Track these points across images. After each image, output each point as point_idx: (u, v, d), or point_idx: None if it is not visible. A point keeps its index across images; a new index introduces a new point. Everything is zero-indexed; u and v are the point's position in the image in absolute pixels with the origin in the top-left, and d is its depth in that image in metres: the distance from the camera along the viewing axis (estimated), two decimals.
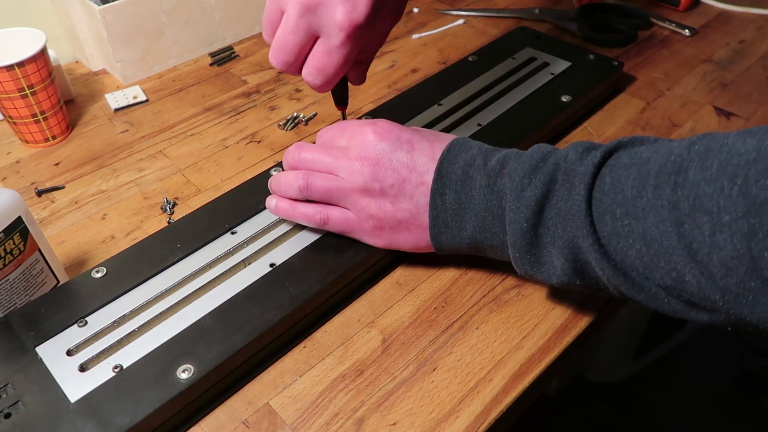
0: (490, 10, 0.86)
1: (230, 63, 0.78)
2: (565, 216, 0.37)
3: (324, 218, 0.46)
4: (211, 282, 0.45)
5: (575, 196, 0.37)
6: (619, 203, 0.35)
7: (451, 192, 0.42)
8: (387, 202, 0.43)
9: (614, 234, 0.35)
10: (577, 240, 0.37)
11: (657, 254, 0.34)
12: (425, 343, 0.44)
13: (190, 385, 0.38)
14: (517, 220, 0.39)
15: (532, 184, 0.39)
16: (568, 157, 0.39)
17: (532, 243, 0.39)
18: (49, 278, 0.46)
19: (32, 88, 0.60)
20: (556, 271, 0.39)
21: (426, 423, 0.39)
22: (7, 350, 0.40)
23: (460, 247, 0.43)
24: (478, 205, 0.41)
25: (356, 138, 0.45)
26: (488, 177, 0.41)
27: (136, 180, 0.60)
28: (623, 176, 0.36)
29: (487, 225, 0.41)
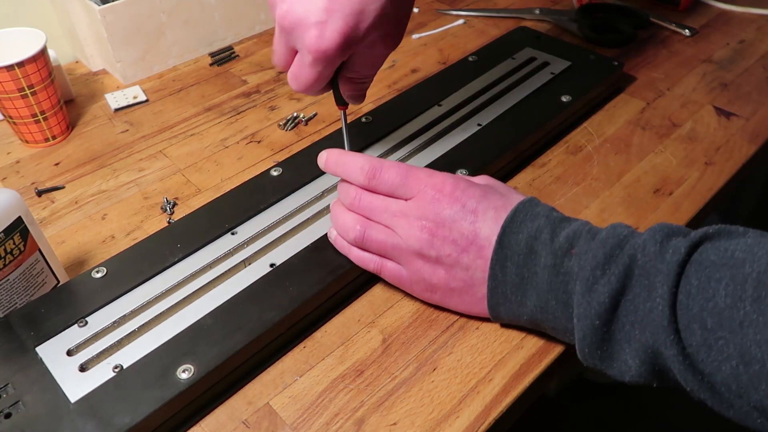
0: (490, 10, 0.86)
1: (230, 63, 0.78)
2: (643, 318, 0.34)
3: (378, 268, 0.45)
4: (211, 282, 0.45)
5: (656, 299, 0.34)
6: (710, 312, 0.32)
7: (513, 265, 0.40)
8: (441, 269, 0.42)
9: (704, 346, 0.32)
10: (658, 346, 0.34)
11: (758, 375, 0.30)
12: (425, 343, 0.44)
13: (190, 385, 0.38)
14: (588, 316, 0.36)
15: (605, 277, 0.36)
16: (647, 249, 0.36)
17: (603, 339, 0.36)
18: (49, 278, 0.46)
19: (32, 88, 0.60)
20: (629, 371, 0.36)
21: (426, 423, 0.39)
22: (7, 350, 0.40)
23: (518, 320, 0.42)
24: (542, 285, 0.39)
25: (420, 195, 0.42)
26: (554, 256, 0.38)
27: (136, 180, 0.60)
28: (713, 279, 0.32)
29: (550, 308, 0.39)
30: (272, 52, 0.45)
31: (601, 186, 0.56)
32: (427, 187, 0.42)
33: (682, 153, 0.59)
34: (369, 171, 0.43)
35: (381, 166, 0.43)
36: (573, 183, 0.56)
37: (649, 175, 0.57)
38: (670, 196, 0.54)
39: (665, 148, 0.60)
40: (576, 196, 0.55)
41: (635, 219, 0.52)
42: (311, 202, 0.51)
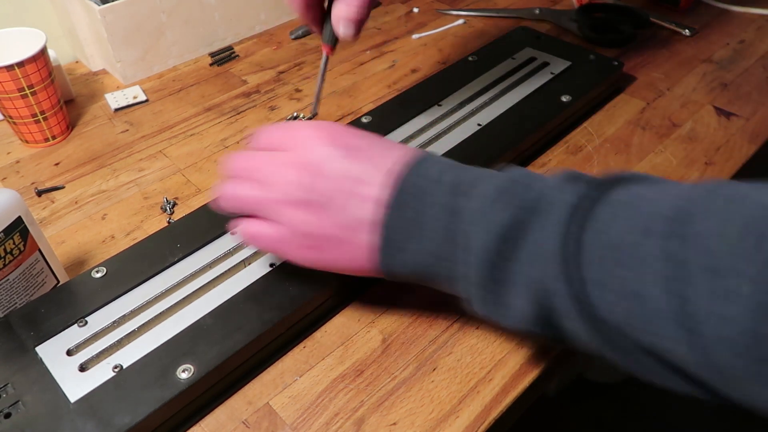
0: (490, 10, 0.86)
1: (230, 63, 0.78)
2: (535, 253, 0.32)
3: (254, 233, 0.40)
4: (211, 282, 0.45)
5: (551, 233, 0.31)
6: (612, 248, 0.29)
7: (407, 209, 0.36)
8: (316, 216, 0.37)
9: (599, 284, 0.30)
10: (548, 284, 0.31)
11: (648, 315, 0.28)
12: (425, 343, 0.44)
13: (190, 385, 0.38)
14: (477, 249, 0.33)
15: (500, 207, 0.33)
16: (551, 184, 0.33)
17: (491, 278, 0.33)
18: (49, 278, 0.46)
19: (32, 88, 0.60)
20: (518, 315, 0.33)
21: (426, 423, 0.39)
22: (7, 350, 0.40)
23: (411, 268, 0.37)
24: (439, 231, 0.35)
25: (293, 139, 0.39)
26: (451, 195, 0.35)
27: (136, 180, 0.60)
28: (620, 216, 0.30)
29: (444, 251, 0.35)
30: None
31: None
32: (302, 131, 0.39)
33: (682, 153, 0.59)
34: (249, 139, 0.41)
35: (261, 130, 0.41)
36: None
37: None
38: None
39: (665, 148, 0.60)
40: None
41: None
42: None
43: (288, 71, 0.75)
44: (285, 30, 0.84)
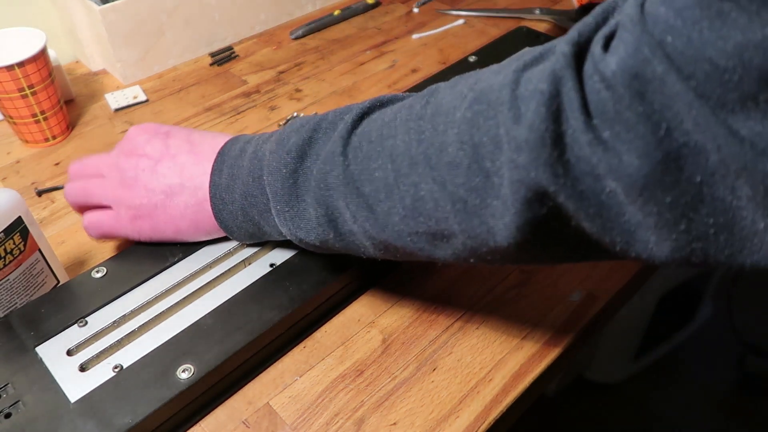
0: (490, 10, 0.86)
1: (230, 63, 0.78)
2: (322, 157, 0.37)
3: (89, 222, 0.47)
4: (211, 282, 0.45)
5: (335, 136, 0.37)
6: (378, 128, 0.35)
7: (227, 167, 0.42)
8: (141, 187, 0.44)
9: (366, 158, 0.35)
10: (328, 177, 0.36)
11: (400, 170, 0.33)
12: (425, 343, 0.44)
13: (190, 385, 0.38)
14: (277, 168, 0.38)
15: (295, 135, 0.39)
16: (332, 114, 0.39)
17: (291, 193, 0.38)
18: (49, 278, 0.46)
19: (32, 88, 0.60)
20: (312, 224, 0.38)
21: (426, 423, 0.39)
22: (7, 350, 0.40)
23: (241, 224, 0.43)
24: (244, 171, 0.41)
25: (125, 141, 0.47)
26: (256, 145, 0.42)
27: None
28: (388, 111, 0.36)
29: (250, 189, 0.41)
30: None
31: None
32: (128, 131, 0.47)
33: None
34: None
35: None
36: None
37: None
38: None
39: None
40: None
41: None
42: None
43: (288, 71, 0.75)
44: (285, 30, 0.84)
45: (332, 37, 0.82)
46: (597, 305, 0.46)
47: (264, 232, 0.43)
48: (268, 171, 0.39)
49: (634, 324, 1.21)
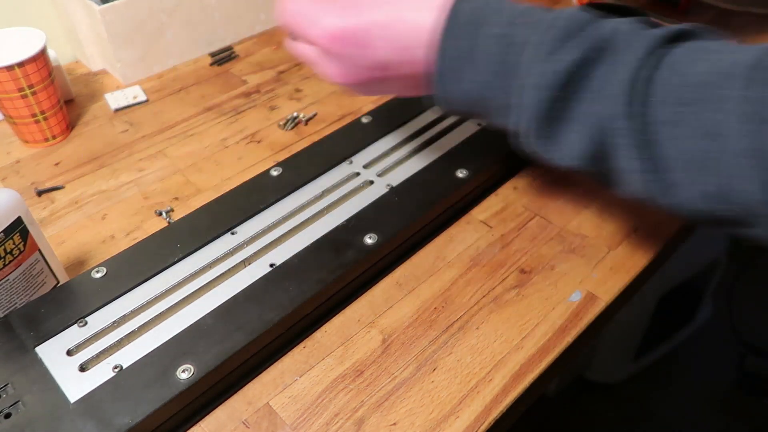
0: None
1: (230, 63, 0.78)
2: (603, 90, 0.32)
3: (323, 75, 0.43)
4: (211, 282, 0.45)
5: (622, 70, 0.32)
6: (691, 89, 0.30)
7: (460, 36, 0.36)
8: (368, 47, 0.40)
9: (671, 123, 0.30)
10: (613, 120, 0.32)
11: (718, 153, 0.29)
12: (425, 343, 0.44)
13: (190, 385, 0.38)
14: (540, 86, 0.33)
15: (567, 46, 0.33)
16: (624, 27, 0.33)
17: (550, 116, 0.34)
18: (49, 278, 0.46)
19: (32, 88, 0.60)
20: (571, 153, 0.34)
21: (426, 423, 0.39)
22: (7, 350, 0.40)
23: (463, 102, 0.38)
24: (490, 56, 0.36)
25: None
26: (508, 25, 0.35)
27: (136, 180, 0.60)
28: (700, 60, 0.30)
29: (496, 83, 0.36)
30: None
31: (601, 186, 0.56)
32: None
33: None
34: None
35: None
36: (573, 183, 0.56)
37: None
38: None
39: None
40: (576, 196, 0.55)
41: (635, 219, 0.52)
42: (311, 202, 0.51)
43: (288, 71, 0.75)
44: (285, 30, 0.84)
45: None
46: (597, 305, 0.46)
47: (486, 117, 0.39)
48: (526, 83, 0.34)
49: (634, 324, 1.21)
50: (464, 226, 0.53)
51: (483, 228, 0.52)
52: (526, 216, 0.53)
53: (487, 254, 0.50)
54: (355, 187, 0.53)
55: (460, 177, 0.52)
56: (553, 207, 0.54)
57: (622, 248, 0.50)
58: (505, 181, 0.56)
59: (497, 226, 0.52)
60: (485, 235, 0.52)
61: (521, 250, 0.50)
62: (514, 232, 0.52)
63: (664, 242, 0.50)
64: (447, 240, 0.51)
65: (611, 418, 1.26)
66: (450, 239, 0.51)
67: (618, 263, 0.49)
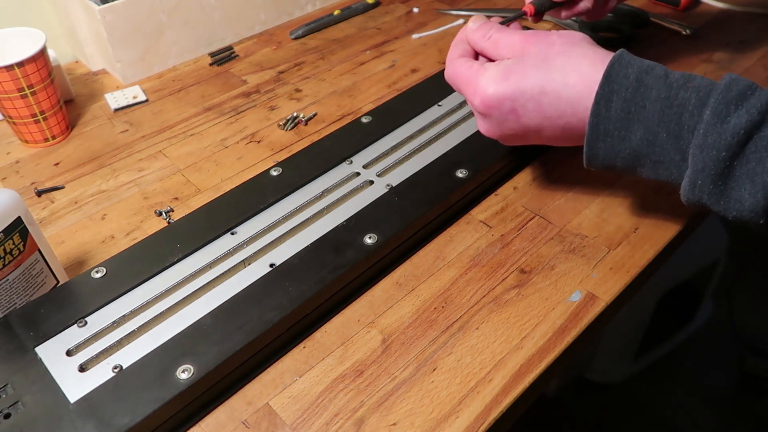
0: (490, 10, 0.86)
1: (230, 63, 0.78)
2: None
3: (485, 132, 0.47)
4: (210, 282, 0.45)
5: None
6: None
7: (620, 99, 0.40)
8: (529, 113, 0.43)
9: None
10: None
11: None
12: (425, 343, 0.44)
13: (190, 385, 0.38)
14: (715, 146, 0.36)
15: (740, 111, 0.36)
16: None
17: (723, 174, 0.37)
18: (49, 278, 0.46)
19: (32, 88, 0.60)
20: (742, 207, 0.37)
21: (426, 423, 0.39)
22: (6, 350, 0.40)
23: (615, 159, 0.41)
24: (652, 118, 0.39)
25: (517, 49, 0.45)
26: (668, 89, 0.39)
27: (135, 180, 0.60)
28: None
29: (659, 141, 0.39)
30: None
31: (601, 186, 0.56)
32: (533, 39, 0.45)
33: None
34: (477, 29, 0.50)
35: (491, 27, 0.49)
36: (573, 183, 0.56)
37: None
38: (671, 196, 0.54)
39: None
40: (576, 196, 0.55)
41: (635, 219, 0.52)
42: (311, 202, 0.51)
43: (288, 71, 0.75)
44: (285, 30, 0.84)
45: (332, 37, 0.82)
46: (597, 305, 0.46)
47: (637, 174, 0.42)
48: (697, 143, 0.37)
49: (634, 324, 1.21)
50: (464, 226, 0.53)
51: (483, 228, 0.52)
52: (525, 216, 0.53)
53: (487, 254, 0.50)
54: (355, 187, 0.53)
55: (460, 177, 0.52)
56: (553, 207, 0.54)
57: (622, 248, 0.50)
58: (504, 181, 0.56)
59: (497, 226, 0.52)
60: (485, 235, 0.52)
61: (521, 250, 0.50)
62: (514, 232, 0.52)
63: (664, 242, 0.50)
64: (447, 240, 0.51)
65: (611, 418, 1.26)
66: (450, 239, 0.51)
67: (618, 263, 0.49)
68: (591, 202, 0.54)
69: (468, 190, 0.53)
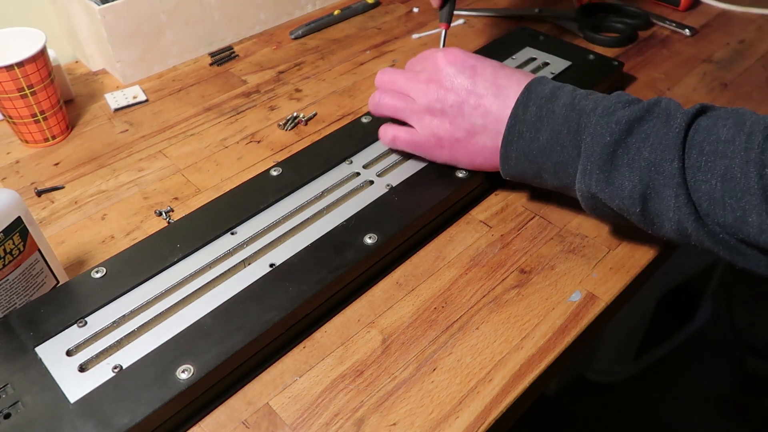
0: (490, 10, 0.86)
1: (230, 63, 0.78)
2: (654, 141, 0.40)
3: (393, 137, 0.52)
4: (210, 282, 0.45)
5: (673, 125, 0.40)
6: (711, 142, 0.38)
7: (534, 106, 0.46)
8: (447, 121, 0.49)
9: (693, 167, 0.39)
10: (663, 163, 0.39)
11: (729, 192, 0.37)
12: (425, 343, 0.44)
13: (190, 385, 0.38)
14: (601, 134, 0.42)
15: (625, 109, 0.42)
16: (668, 102, 0.42)
17: (607, 160, 0.41)
18: (49, 278, 0.46)
19: (32, 88, 0.60)
20: (623, 192, 0.41)
21: (426, 423, 0.39)
22: (6, 350, 0.40)
23: (525, 162, 0.46)
24: (557, 119, 0.45)
25: (428, 62, 0.51)
26: (573, 98, 0.45)
27: (135, 180, 0.60)
28: (720, 124, 0.39)
29: (561, 138, 0.44)
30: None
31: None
32: (435, 55, 0.51)
33: None
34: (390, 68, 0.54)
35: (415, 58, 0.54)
36: None
37: None
38: None
39: None
40: None
41: None
42: (311, 202, 0.51)
43: (288, 71, 0.75)
44: (285, 30, 0.84)
45: (332, 37, 0.82)
46: (597, 305, 0.46)
47: (542, 179, 0.47)
48: (589, 132, 0.43)
49: (634, 324, 1.21)
50: (464, 226, 0.53)
51: (483, 228, 0.52)
52: (525, 216, 0.53)
53: (487, 254, 0.50)
54: (355, 187, 0.53)
55: (460, 177, 0.52)
56: (552, 207, 0.54)
57: (622, 248, 0.50)
58: (504, 181, 0.56)
59: (497, 226, 0.52)
60: (485, 235, 0.52)
61: (521, 250, 0.50)
62: (514, 232, 0.52)
63: (664, 242, 0.50)
64: (447, 240, 0.51)
65: (611, 418, 1.26)
66: (450, 239, 0.51)
67: (618, 263, 0.49)
68: None
69: (468, 190, 0.53)
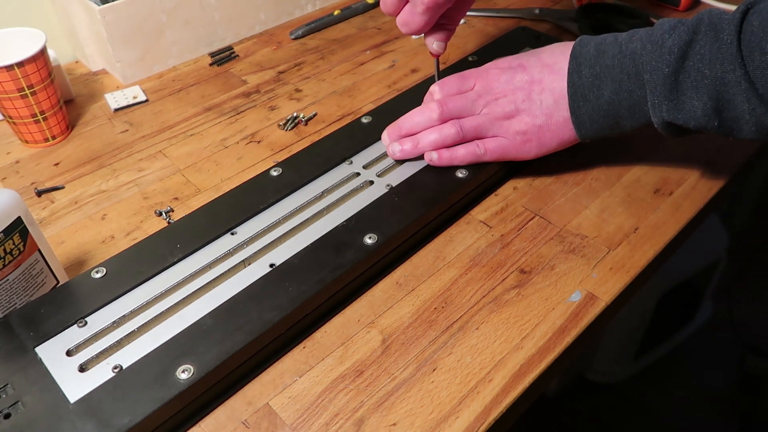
0: (490, 10, 0.86)
1: (230, 63, 0.78)
2: (711, 58, 0.42)
3: (483, 150, 0.53)
4: (210, 282, 0.45)
5: (724, 38, 0.41)
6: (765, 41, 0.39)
7: (586, 68, 0.48)
8: (524, 115, 0.51)
9: (758, 68, 0.40)
10: (726, 75, 0.41)
11: None
12: (425, 343, 0.44)
13: (190, 385, 0.38)
14: (659, 68, 0.43)
15: (672, 37, 0.44)
16: (710, 15, 0.43)
17: (672, 89, 0.43)
18: (49, 278, 0.46)
19: (32, 88, 0.60)
20: (696, 113, 0.43)
21: (426, 423, 0.39)
22: (6, 350, 0.40)
23: (599, 119, 0.49)
24: (614, 70, 0.47)
25: (482, 79, 0.54)
26: (619, 46, 0.47)
27: (135, 180, 0.60)
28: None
29: (624, 86, 0.46)
30: (382, 2, 0.53)
31: (601, 186, 0.56)
32: (486, 71, 0.54)
33: (683, 153, 0.59)
34: (436, 94, 0.55)
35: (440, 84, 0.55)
36: (573, 183, 0.56)
37: (649, 174, 0.57)
38: (671, 196, 0.54)
39: (665, 148, 0.60)
40: (576, 196, 0.55)
41: (635, 219, 0.52)
42: (311, 202, 0.51)
43: (288, 71, 0.75)
44: (285, 30, 0.84)
45: (332, 37, 0.82)
46: (597, 305, 0.46)
47: (620, 126, 0.49)
48: (647, 70, 0.44)
49: (634, 324, 1.21)
50: (464, 226, 0.53)
51: (483, 228, 0.52)
52: (525, 216, 0.53)
53: (487, 254, 0.50)
54: (355, 187, 0.53)
55: (459, 177, 0.52)
56: (552, 207, 0.54)
57: (622, 248, 0.50)
58: (504, 181, 0.56)
59: (497, 226, 0.52)
60: (485, 235, 0.52)
61: (521, 250, 0.50)
62: (514, 232, 0.52)
63: (664, 242, 0.50)
64: (447, 240, 0.51)
65: (611, 418, 1.26)
66: (450, 239, 0.52)
67: (618, 263, 0.49)
68: (591, 202, 0.54)
69: (468, 190, 0.53)
